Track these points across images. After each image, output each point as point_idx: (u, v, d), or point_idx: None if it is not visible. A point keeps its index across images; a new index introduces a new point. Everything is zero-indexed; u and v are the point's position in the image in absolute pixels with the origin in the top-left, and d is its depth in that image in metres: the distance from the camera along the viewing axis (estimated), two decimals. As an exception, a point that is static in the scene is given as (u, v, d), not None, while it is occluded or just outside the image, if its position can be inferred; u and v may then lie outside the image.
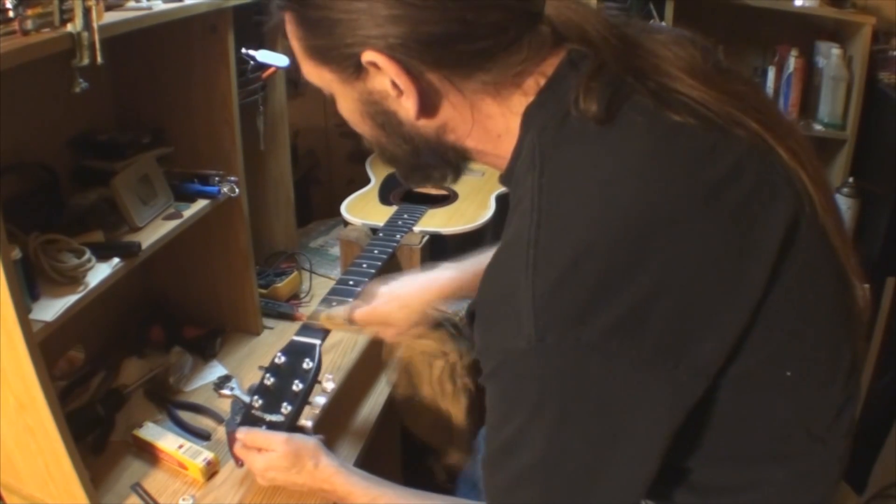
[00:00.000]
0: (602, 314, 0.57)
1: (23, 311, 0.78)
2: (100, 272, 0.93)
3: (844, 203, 1.83)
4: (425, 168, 0.75)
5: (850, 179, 1.84)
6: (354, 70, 0.65)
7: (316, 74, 0.70)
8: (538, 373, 0.59)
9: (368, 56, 0.63)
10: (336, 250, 1.66)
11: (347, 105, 0.71)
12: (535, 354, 0.58)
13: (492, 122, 0.68)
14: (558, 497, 0.62)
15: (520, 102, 0.66)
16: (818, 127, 1.92)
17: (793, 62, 1.90)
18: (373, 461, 1.17)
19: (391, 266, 1.33)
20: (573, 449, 0.61)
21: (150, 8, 0.95)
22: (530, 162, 0.63)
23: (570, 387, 0.59)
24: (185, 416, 1.15)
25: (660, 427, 0.61)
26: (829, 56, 1.86)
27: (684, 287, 0.58)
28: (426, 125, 0.68)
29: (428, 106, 0.66)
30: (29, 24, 0.75)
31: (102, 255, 0.95)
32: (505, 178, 0.71)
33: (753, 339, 0.61)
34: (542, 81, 0.65)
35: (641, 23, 0.70)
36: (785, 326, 0.63)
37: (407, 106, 0.66)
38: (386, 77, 0.64)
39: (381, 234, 1.35)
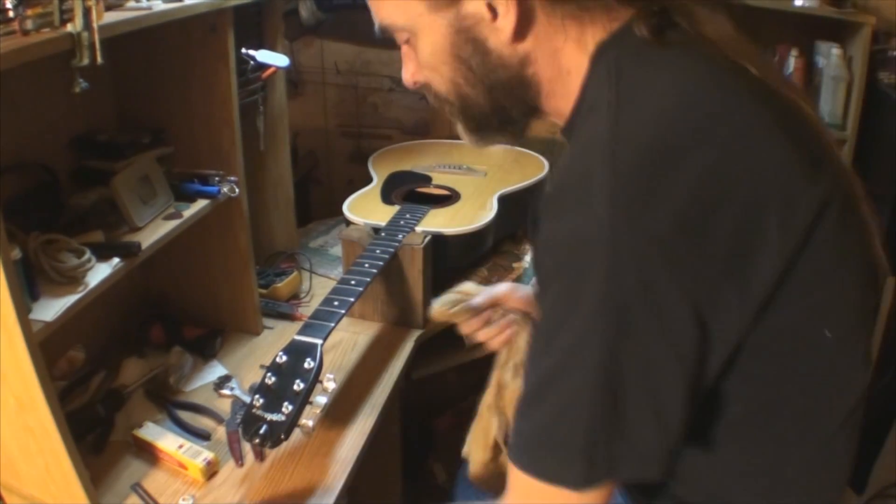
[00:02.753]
0: (671, 208, 0.57)
1: (23, 311, 0.78)
2: (100, 272, 0.93)
3: (844, 203, 1.83)
4: (498, 116, 0.75)
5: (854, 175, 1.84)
6: None
7: (401, 9, 0.70)
8: (606, 261, 0.57)
9: None
10: (336, 250, 1.66)
11: (433, 39, 0.71)
12: (606, 240, 0.57)
13: (565, 57, 0.70)
14: (600, 428, 0.59)
15: (592, 39, 0.68)
16: (818, 127, 1.92)
17: (793, 62, 1.90)
18: (373, 461, 1.17)
19: (393, 266, 1.33)
20: (627, 358, 0.58)
21: (150, 8, 0.94)
22: (607, 76, 0.65)
23: (636, 282, 0.57)
24: (185, 416, 1.15)
25: (704, 349, 0.60)
26: (829, 56, 1.86)
27: (750, 201, 0.59)
28: (512, 54, 0.70)
29: (520, 30, 0.68)
30: (29, 24, 0.75)
31: (102, 255, 0.95)
32: (567, 127, 0.73)
33: (800, 279, 0.62)
34: (615, 25, 0.68)
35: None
36: (827, 279, 0.64)
37: (503, 26, 0.67)
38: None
39: (383, 234, 1.35)
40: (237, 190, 1.20)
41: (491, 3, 0.66)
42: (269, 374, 0.96)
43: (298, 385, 0.94)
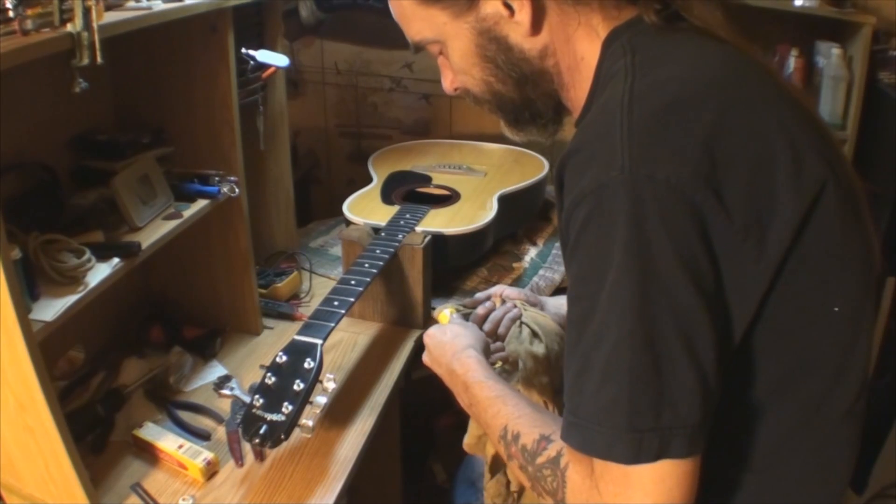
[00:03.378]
0: (689, 160, 0.60)
1: (23, 311, 0.78)
2: (100, 272, 0.93)
3: (844, 203, 1.83)
4: (531, 106, 0.81)
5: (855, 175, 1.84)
6: (466, 1, 0.73)
7: (427, 23, 0.77)
8: (630, 208, 0.59)
9: None
10: (336, 250, 1.66)
11: (461, 45, 0.77)
12: (629, 185, 0.59)
13: (579, 43, 0.75)
14: (644, 389, 0.58)
15: (604, 28, 0.73)
16: (818, 127, 1.92)
17: (793, 62, 1.90)
18: (373, 461, 1.17)
19: (393, 266, 1.33)
20: (659, 307, 0.59)
21: (150, 8, 0.94)
22: (621, 52, 0.70)
23: (658, 227, 0.59)
24: (185, 416, 1.15)
25: (729, 306, 0.62)
26: (829, 56, 1.86)
27: (761, 157, 0.63)
28: (532, 47, 0.75)
29: (536, 22, 0.74)
30: (29, 24, 0.75)
31: (102, 255, 0.95)
32: (583, 114, 0.77)
33: (807, 248, 0.64)
34: (626, 16, 0.73)
35: None
36: (832, 254, 0.67)
37: (520, 20, 0.73)
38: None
39: (383, 234, 1.35)
40: (237, 190, 1.20)
41: (506, 0, 0.72)
42: (269, 374, 0.96)
43: (298, 385, 0.94)
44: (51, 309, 0.85)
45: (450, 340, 0.95)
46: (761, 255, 0.62)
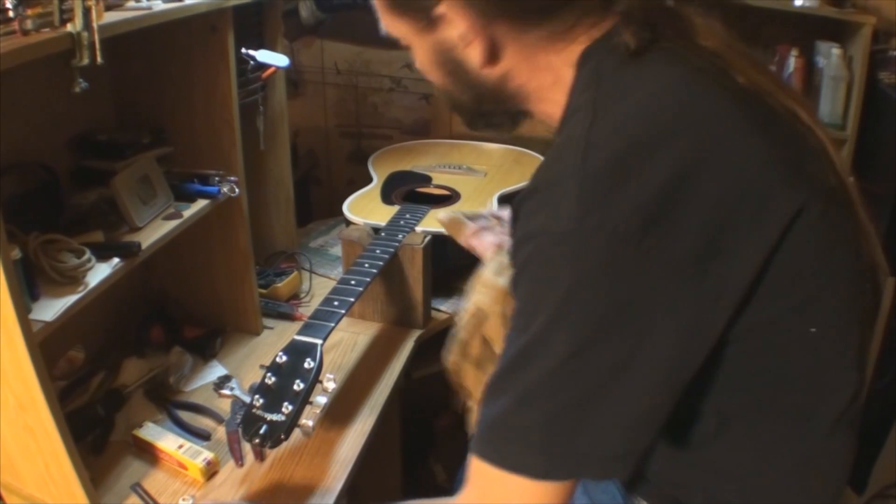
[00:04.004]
0: (641, 207, 0.59)
1: (23, 311, 0.78)
2: (100, 272, 0.93)
3: (844, 203, 1.83)
4: (487, 115, 0.82)
5: (850, 179, 1.84)
6: (428, 22, 0.72)
7: (395, 26, 0.77)
8: (573, 258, 0.59)
9: (441, 8, 0.70)
10: (336, 250, 1.66)
11: (421, 55, 0.78)
12: (574, 236, 0.59)
13: (547, 72, 0.73)
14: (561, 421, 0.61)
15: (573, 53, 0.71)
16: (818, 127, 1.92)
17: (793, 62, 1.90)
18: (373, 461, 1.17)
19: (393, 266, 1.33)
20: (592, 356, 0.60)
21: (150, 8, 0.94)
22: (588, 82, 0.68)
23: (601, 279, 0.59)
24: (185, 416, 1.15)
25: (678, 351, 0.61)
26: (829, 56, 1.86)
27: (719, 200, 0.60)
28: (490, 73, 0.74)
29: (492, 55, 0.72)
30: (29, 24, 0.75)
31: (102, 255, 0.95)
32: (558, 131, 0.75)
33: (775, 283, 0.63)
34: (598, 33, 0.70)
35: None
36: (809, 280, 0.65)
37: (473, 55, 0.72)
38: (455, 28, 0.71)
39: (383, 234, 1.35)
40: (237, 190, 1.20)
41: (463, 31, 0.71)
42: (269, 374, 0.96)
43: (298, 385, 0.94)
44: (51, 309, 0.85)
45: None
46: (720, 295, 0.61)
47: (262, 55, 1.29)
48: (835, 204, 0.68)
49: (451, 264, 1.47)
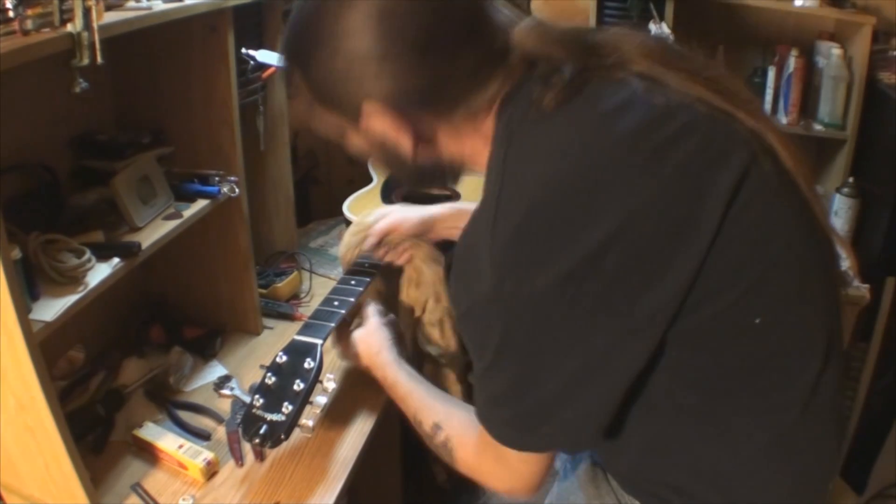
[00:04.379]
0: (555, 263, 0.64)
1: (23, 311, 0.78)
2: (100, 272, 0.93)
3: (844, 203, 1.83)
4: (428, 178, 0.88)
5: (850, 179, 1.84)
6: (357, 116, 0.76)
7: (326, 119, 0.80)
8: (500, 316, 0.68)
9: (367, 107, 0.74)
10: (336, 250, 1.65)
11: (355, 143, 0.82)
12: (496, 300, 0.67)
13: (478, 136, 0.77)
14: (529, 415, 0.72)
15: (494, 110, 0.75)
16: (818, 127, 1.92)
17: (793, 62, 1.90)
18: (373, 461, 1.17)
19: (393, 266, 1.32)
20: (538, 380, 0.69)
21: (150, 8, 0.94)
22: (501, 140, 0.72)
23: (530, 328, 0.67)
24: (185, 416, 1.15)
25: (619, 367, 0.69)
26: (829, 56, 1.86)
27: (633, 238, 0.64)
28: (423, 154, 0.79)
29: (422, 139, 0.77)
30: (29, 24, 0.75)
31: (102, 255, 0.95)
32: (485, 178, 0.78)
33: (712, 284, 0.66)
34: (510, 84, 0.74)
35: (602, 27, 0.81)
36: (746, 273, 0.68)
37: (403, 143, 0.77)
38: (382, 123, 0.75)
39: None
40: (237, 190, 1.20)
41: (390, 125, 0.75)
42: (269, 374, 0.96)
43: (298, 385, 0.94)
44: (51, 309, 0.85)
45: (365, 350, 1.07)
46: (654, 315, 0.66)
47: (262, 55, 1.29)
48: (769, 192, 0.69)
49: (451, 264, 1.46)
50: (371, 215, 1.23)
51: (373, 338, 1.07)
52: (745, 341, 0.70)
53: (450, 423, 0.90)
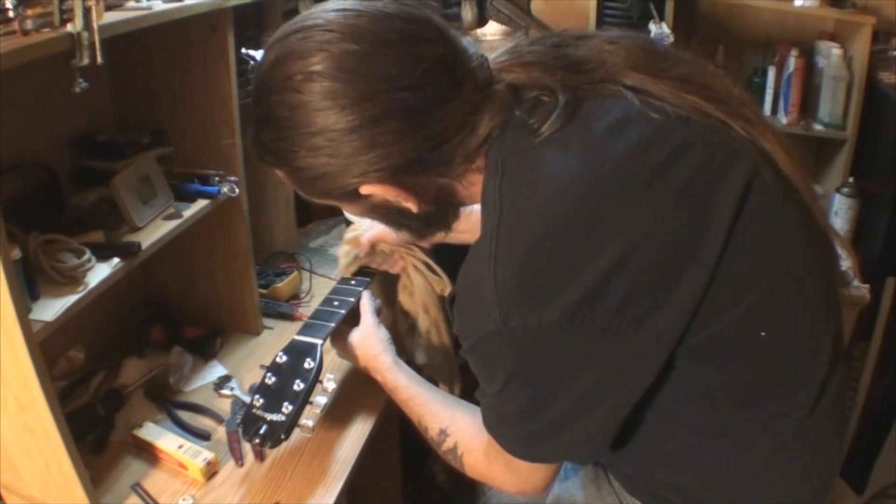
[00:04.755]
0: (561, 296, 0.63)
1: (23, 311, 0.78)
2: (100, 272, 0.93)
3: (844, 203, 1.83)
4: (434, 225, 0.84)
5: (850, 179, 1.84)
6: (355, 197, 0.74)
7: (322, 201, 0.78)
8: (508, 351, 0.67)
9: (365, 189, 0.72)
10: (336, 250, 1.65)
11: (356, 212, 0.82)
12: (503, 336, 0.66)
13: (474, 175, 0.75)
14: (540, 432, 0.72)
15: (485, 138, 0.73)
16: (818, 127, 1.92)
17: (793, 62, 1.90)
18: (373, 461, 1.17)
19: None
20: (548, 401, 0.69)
21: (150, 8, 0.94)
22: (494, 170, 0.70)
23: (539, 357, 0.67)
24: (185, 416, 1.15)
25: (628, 385, 0.69)
26: (829, 56, 1.86)
27: (638, 262, 0.63)
28: (427, 207, 0.78)
29: (426, 197, 0.76)
30: (29, 24, 0.75)
31: (102, 255, 0.95)
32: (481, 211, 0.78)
33: (719, 301, 0.65)
34: (502, 118, 0.72)
35: (578, 35, 0.77)
36: (753, 287, 0.67)
37: (408, 205, 0.75)
38: (384, 195, 0.74)
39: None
40: (237, 190, 1.20)
41: (392, 195, 0.73)
42: (269, 374, 0.96)
43: (298, 385, 0.94)
44: (51, 309, 0.85)
45: (362, 353, 1.06)
46: (660, 336, 0.65)
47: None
48: (772, 202, 0.69)
49: (451, 264, 1.47)
50: (362, 225, 1.21)
51: (369, 340, 1.06)
52: (752, 354, 0.69)
53: (456, 428, 0.89)
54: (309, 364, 0.97)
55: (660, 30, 1.70)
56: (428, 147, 0.69)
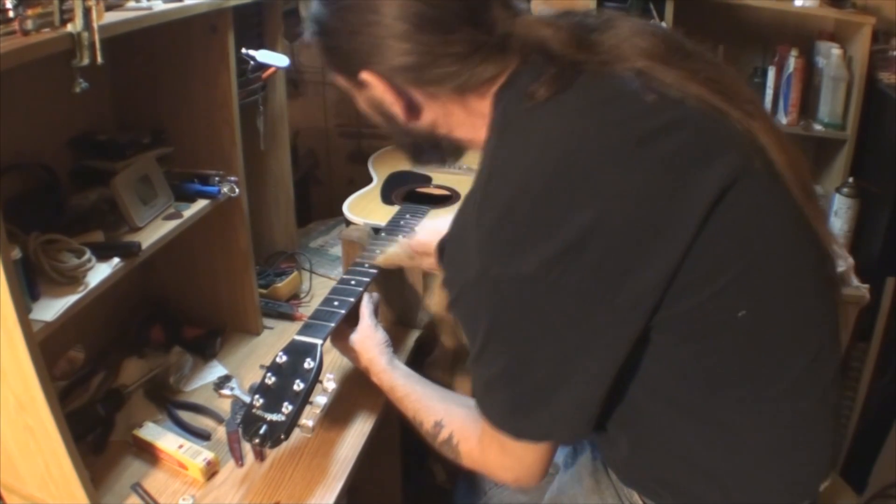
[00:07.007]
0: (539, 248, 0.65)
1: (23, 311, 0.78)
2: (100, 272, 0.93)
3: (844, 203, 1.83)
4: (428, 153, 0.89)
5: (850, 179, 1.84)
6: (357, 82, 0.81)
7: (338, 79, 0.86)
8: (488, 301, 0.69)
9: (363, 75, 0.79)
10: (336, 250, 1.65)
11: (361, 104, 0.86)
12: (483, 284, 0.68)
13: (472, 116, 0.80)
14: (523, 400, 0.74)
15: (491, 90, 0.77)
16: (818, 127, 1.92)
17: (793, 62, 1.90)
18: (373, 461, 1.17)
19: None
20: (528, 363, 0.72)
21: (150, 8, 0.94)
22: (493, 129, 0.75)
23: (516, 312, 0.69)
24: (185, 416, 1.15)
25: (606, 352, 0.70)
26: (829, 56, 1.86)
27: (616, 224, 0.65)
28: (417, 124, 0.83)
29: (413, 111, 0.81)
30: (29, 24, 0.75)
31: (102, 255, 0.95)
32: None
33: (694, 276, 0.67)
34: (507, 74, 0.76)
35: (609, 19, 0.79)
36: (728, 268, 0.69)
37: (397, 111, 0.81)
38: (377, 90, 0.80)
39: (383, 234, 1.35)
40: (237, 190, 1.20)
41: (384, 94, 0.79)
42: (269, 374, 0.96)
43: (298, 385, 0.94)
44: (51, 309, 0.85)
45: (360, 355, 1.09)
46: (637, 302, 0.67)
47: (262, 55, 1.29)
48: (758, 193, 0.70)
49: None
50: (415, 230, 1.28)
51: (367, 343, 1.08)
52: (730, 334, 0.71)
53: (450, 419, 0.90)
54: (309, 364, 0.97)
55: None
56: (423, 60, 0.75)
